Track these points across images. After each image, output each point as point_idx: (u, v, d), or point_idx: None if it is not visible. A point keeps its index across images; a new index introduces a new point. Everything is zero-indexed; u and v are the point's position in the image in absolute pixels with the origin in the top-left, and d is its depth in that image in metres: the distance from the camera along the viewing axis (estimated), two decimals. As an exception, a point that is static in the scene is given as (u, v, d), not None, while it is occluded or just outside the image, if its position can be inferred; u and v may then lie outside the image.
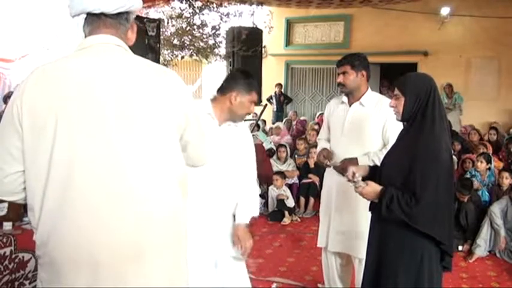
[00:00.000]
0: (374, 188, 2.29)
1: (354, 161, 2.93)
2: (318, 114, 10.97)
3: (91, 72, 1.47)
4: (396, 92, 2.33)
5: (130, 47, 1.62)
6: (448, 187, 2.23)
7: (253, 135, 8.49)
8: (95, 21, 1.54)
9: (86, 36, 1.56)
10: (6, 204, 3.39)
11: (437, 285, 2.28)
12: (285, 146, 7.16)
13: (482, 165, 5.72)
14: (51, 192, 1.41)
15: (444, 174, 2.18)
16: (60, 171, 1.40)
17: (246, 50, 7.69)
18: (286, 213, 5.99)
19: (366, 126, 3.08)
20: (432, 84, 2.29)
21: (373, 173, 2.49)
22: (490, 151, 6.77)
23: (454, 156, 6.68)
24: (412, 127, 2.29)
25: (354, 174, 2.36)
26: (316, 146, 3.73)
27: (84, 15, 1.54)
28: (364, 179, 2.40)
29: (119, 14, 1.56)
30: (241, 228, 2.59)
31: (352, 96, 3.14)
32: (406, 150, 2.25)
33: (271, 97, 11.83)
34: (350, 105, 3.17)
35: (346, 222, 3.12)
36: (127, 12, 1.59)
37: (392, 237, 2.29)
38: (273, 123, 11.25)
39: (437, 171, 2.16)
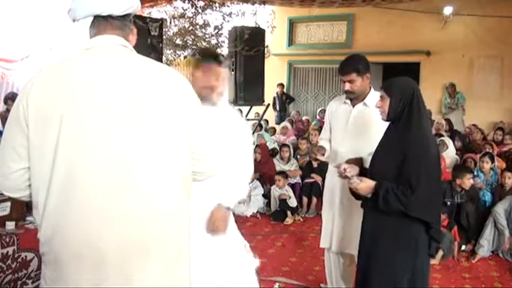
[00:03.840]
0: (368, 183, 2.47)
1: (358, 161, 2.92)
2: (319, 110, 10.93)
3: (96, 72, 1.48)
4: (382, 93, 2.54)
5: (133, 47, 1.64)
6: (438, 176, 2.46)
7: (258, 134, 8.53)
8: (101, 23, 1.57)
9: (91, 38, 1.58)
10: (8, 204, 3.40)
11: (427, 272, 2.50)
12: (288, 146, 7.16)
13: (487, 165, 5.68)
14: (55, 190, 1.43)
15: (434, 164, 2.39)
16: (64, 169, 1.42)
17: (249, 49, 7.68)
18: (289, 213, 5.99)
19: (370, 126, 3.07)
20: (415, 86, 2.51)
21: (364, 172, 2.67)
22: (495, 151, 6.72)
23: (456, 156, 6.71)
24: (398, 125, 2.47)
25: (345, 169, 2.58)
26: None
27: (90, 18, 1.56)
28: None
29: (125, 15, 1.59)
30: (220, 209, 2.47)
31: (357, 97, 3.13)
32: (396, 147, 2.42)
33: (274, 101, 11.81)
34: (353, 106, 3.16)
35: (350, 222, 3.12)
36: (130, 14, 1.62)
37: (386, 228, 2.45)
38: (276, 123, 11.26)
39: (429, 161, 2.36)
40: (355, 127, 3.12)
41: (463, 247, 4.87)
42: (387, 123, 2.84)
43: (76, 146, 1.42)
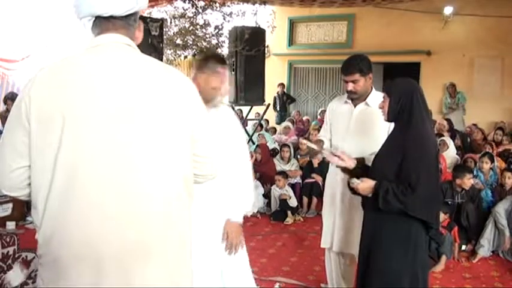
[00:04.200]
0: (369, 183, 2.48)
1: (361, 161, 2.91)
2: (320, 111, 10.94)
3: (100, 70, 1.47)
4: (383, 94, 2.57)
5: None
6: (437, 176, 2.48)
7: (259, 134, 8.54)
8: (103, 23, 1.55)
9: (95, 36, 1.57)
10: (10, 205, 3.41)
11: (426, 273, 2.53)
12: (289, 146, 7.16)
13: (487, 165, 5.69)
14: (56, 190, 1.41)
15: (433, 163, 2.44)
16: (66, 169, 1.41)
17: (249, 49, 7.69)
18: (289, 213, 5.99)
19: (372, 126, 3.07)
20: (415, 87, 2.54)
21: (362, 168, 2.72)
22: (495, 151, 6.72)
23: (456, 156, 6.71)
24: (399, 126, 2.50)
25: (341, 156, 2.64)
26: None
27: (93, 18, 1.55)
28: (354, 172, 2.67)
29: (128, 15, 1.57)
30: (231, 224, 2.53)
31: (358, 97, 3.13)
32: (396, 146, 2.45)
33: (275, 101, 11.82)
34: (355, 106, 3.16)
35: (351, 221, 3.11)
36: (135, 13, 1.60)
37: (384, 227, 2.47)
38: (277, 123, 11.26)
39: (428, 161, 2.38)
40: (357, 127, 3.12)
41: (464, 247, 4.87)
42: (389, 123, 2.88)
43: (78, 145, 1.41)
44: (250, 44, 7.70)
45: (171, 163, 1.51)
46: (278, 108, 11.97)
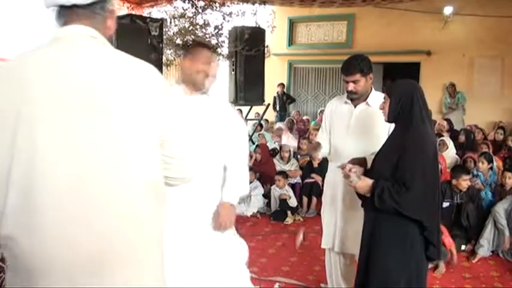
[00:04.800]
0: (367, 181, 2.49)
1: (362, 161, 2.91)
2: (319, 111, 10.94)
3: (60, 65, 1.39)
4: (384, 95, 2.59)
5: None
6: (433, 177, 2.44)
7: (259, 134, 8.54)
8: (67, 13, 1.47)
9: (59, 27, 1.49)
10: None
11: (424, 274, 2.52)
12: (288, 146, 7.17)
13: (483, 165, 5.70)
14: (13, 192, 1.33)
15: (430, 164, 2.41)
16: (22, 170, 1.33)
17: (249, 49, 7.68)
18: (289, 213, 5.99)
19: (373, 126, 3.07)
20: (415, 88, 2.54)
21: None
22: (491, 150, 6.73)
23: (456, 156, 6.71)
24: (401, 126, 2.51)
25: (350, 169, 2.58)
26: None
27: (57, 8, 1.48)
28: None
29: (93, 3, 1.48)
30: (225, 206, 2.54)
31: (358, 97, 3.13)
32: (396, 146, 2.45)
33: (275, 101, 11.83)
34: (355, 106, 3.16)
35: (352, 221, 3.10)
36: (101, 1, 1.51)
37: (382, 227, 2.48)
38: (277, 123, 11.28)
39: (424, 161, 2.37)
40: (358, 127, 3.12)
41: (463, 247, 4.86)
42: (389, 123, 2.90)
43: (32, 145, 1.33)
44: (250, 44, 7.70)
45: (135, 165, 1.43)
46: (278, 108, 11.97)
